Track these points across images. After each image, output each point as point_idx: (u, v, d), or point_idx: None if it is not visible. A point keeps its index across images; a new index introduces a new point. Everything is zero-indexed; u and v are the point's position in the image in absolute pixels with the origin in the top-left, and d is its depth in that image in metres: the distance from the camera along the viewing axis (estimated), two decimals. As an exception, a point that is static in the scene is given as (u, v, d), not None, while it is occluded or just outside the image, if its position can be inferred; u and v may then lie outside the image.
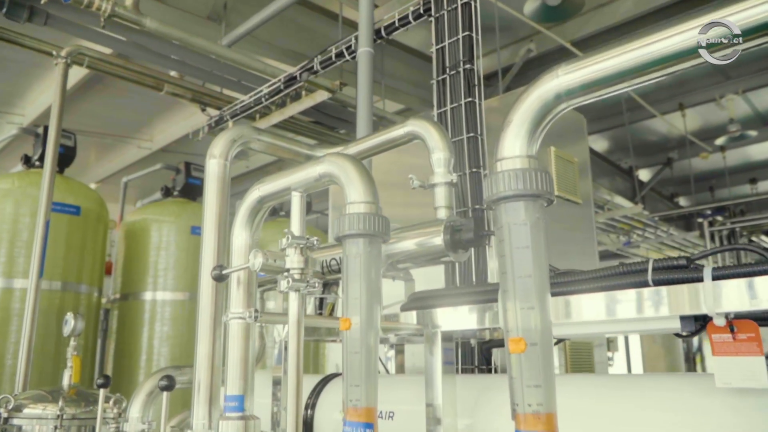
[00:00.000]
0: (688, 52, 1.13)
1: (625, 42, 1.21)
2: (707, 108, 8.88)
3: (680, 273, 1.54)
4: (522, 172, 1.28)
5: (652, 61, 1.17)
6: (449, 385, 2.10)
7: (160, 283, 5.31)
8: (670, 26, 1.15)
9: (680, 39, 1.13)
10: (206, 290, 2.10)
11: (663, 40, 1.16)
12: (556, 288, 1.76)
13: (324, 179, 1.81)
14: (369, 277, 1.61)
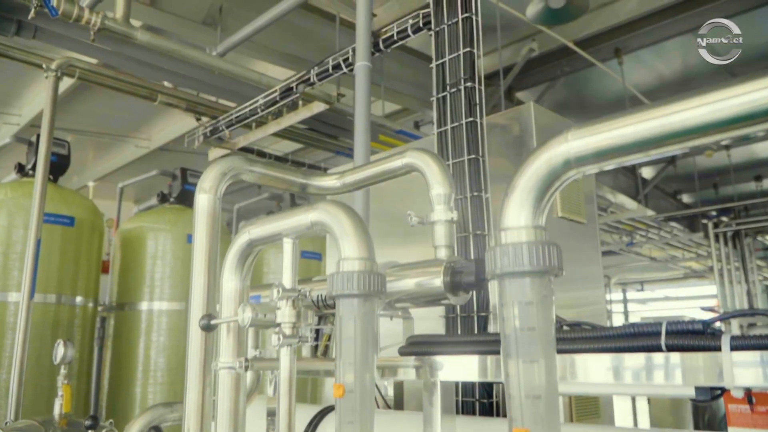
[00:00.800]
0: (718, 124, 1.02)
1: (644, 110, 1.10)
2: (712, 106, 8.73)
3: (695, 339, 1.44)
4: (528, 246, 1.18)
5: (675, 132, 1.06)
6: None
7: (157, 293, 5.23)
8: (696, 95, 1.04)
9: (708, 110, 1.02)
10: (195, 336, 2.00)
11: (688, 111, 1.05)
12: (562, 345, 1.66)
13: (316, 227, 1.71)
14: (364, 339, 1.52)
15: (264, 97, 4.38)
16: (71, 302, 4.81)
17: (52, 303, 4.64)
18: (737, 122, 0.99)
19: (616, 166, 1.17)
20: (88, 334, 5.01)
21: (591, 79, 8.09)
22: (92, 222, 5.05)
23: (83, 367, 4.88)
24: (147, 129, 8.94)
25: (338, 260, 1.57)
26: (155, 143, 9.10)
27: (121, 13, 3.57)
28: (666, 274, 13.75)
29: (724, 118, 1.00)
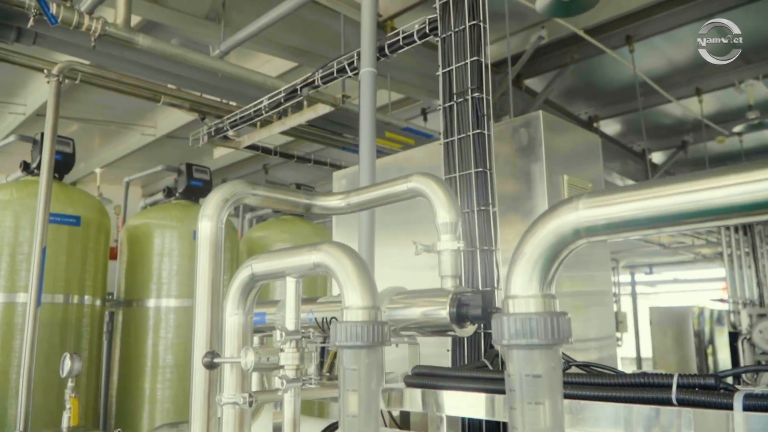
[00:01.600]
0: (737, 209, 0.97)
1: (658, 185, 1.05)
2: (725, 92, 8.58)
3: (707, 395, 1.41)
4: (537, 318, 1.14)
5: (692, 212, 1.01)
6: (455, 466, 2.00)
7: (164, 290, 5.24)
8: (714, 175, 0.99)
9: (735, 191, 0.97)
10: (199, 368, 1.98)
11: (705, 192, 1.00)
12: (570, 389, 1.63)
13: (319, 269, 1.67)
14: (368, 389, 1.50)
15: (268, 99, 4.33)
16: (80, 301, 4.83)
17: (60, 303, 4.66)
18: (758, 208, 0.94)
19: (626, 238, 1.13)
20: (96, 332, 5.04)
21: (601, 66, 7.96)
22: (98, 221, 5.05)
23: (92, 364, 4.91)
24: (152, 117, 8.90)
25: (342, 308, 1.54)
26: (161, 131, 9.06)
27: (122, 18, 3.51)
28: (675, 257, 13.69)
29: (745, 203, 0.95)
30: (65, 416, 2.91)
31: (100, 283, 5.06)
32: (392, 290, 2.24)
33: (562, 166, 3.20)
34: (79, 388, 4.60)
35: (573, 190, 3.18)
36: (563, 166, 3.21)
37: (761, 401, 1.33)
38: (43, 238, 3.92)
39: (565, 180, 3.16)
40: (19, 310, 4.44)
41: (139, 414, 4.99)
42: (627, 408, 1.53)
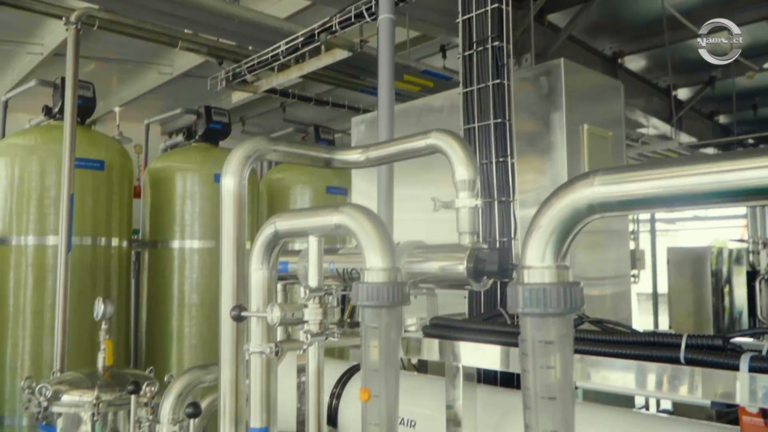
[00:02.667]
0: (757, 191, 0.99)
1: (673, 165, 1.07)
2: (757, 26, 8.27)
3: (715, 356, 1.47)
4: (550, 288, 1.19)
5: (704, 193, 1.04)
6: (470, 411, 2.11)
7: (188, 231, 5.36)
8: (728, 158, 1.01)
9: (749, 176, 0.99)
10: (227, 320, 2.08)
11: (718, 174, 1.02)
12: (582, 346, 1.70)
13: (340, 230, 1.73)
14: (388, 345, 1.57)
15: (286, 44, 4.29)
16: (107, 243, 4.97)
17: (88, 245, 4.80)
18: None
19: (638, 213, 1.16)
20: (124, 273, 5.21)
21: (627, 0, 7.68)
22: (121, 164, 5.13)
23: (122, 304, 5.10)
24: (168, 56, 8.83)
25: (362, 268, 1.60)
26: (178, 70, 9.01)
27: (138, -36, 3.47)
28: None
29: (758, 187, 0.97)
30: (100, 357, 3.07)
31: (125, 226, 5.19)
32: (411, 244, 2.30)
33: (582, 114, 3.18)
34: (109, 328, 4.84)
35: (593, 139, 3.18)
36: (583, 114, 3.19)
37: (767, 363, 1.38)
38: (70, 185, 4.02)
39: (585, 129, 3.14)
40: (49, 252, 4.59)
41: (168, 350, 5.21)
42: (637, 365, 1.59)
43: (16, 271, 4.55)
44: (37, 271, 4.58)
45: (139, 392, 2.59)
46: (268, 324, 1.98)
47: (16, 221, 4.61)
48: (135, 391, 2.57)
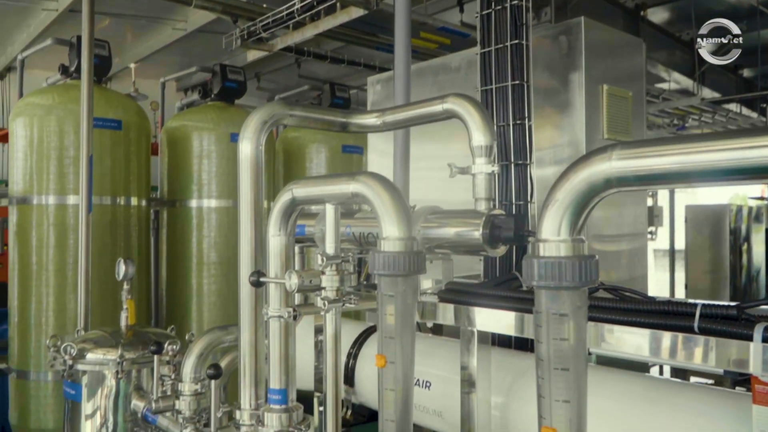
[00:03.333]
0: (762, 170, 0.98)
1: (691, 141, 1.06)
2: (785, -24, 7.96)
3: (729, 325, 1.47)
4: (565, 262, 1.20)
5: (722, 170, 1.03)
6: (485, 373, 2.15)
7: (205, 191, 5.40)
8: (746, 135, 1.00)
9: (757, 154, 0.98)
10: (245, 285, 2.11)
11: (736, 151, 1.01)
12: (596, 313, 1.72)
13: (357, 199, 1.74)
14: (404, 313, 1.60)
15: (301, 1, 4.22)
16: (126, 202, 5.03)
17: (108, 205, 4.86)
18: (789, 171, 0.95)
19: (656, 189, 1.15)
20: (143, 231, 5.28)
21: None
22: (138, 124, 5.14)
23: (142, 262, 5.19)
24: (183, 12, 8.73)
25: (379, 238, 1.62)
26: (192, 26, 8.92)
27: None
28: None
29: None
30: (123, 316, 3.14)
31: (144, 185, 5.24)
32: (428, 209, 2.30)
33: (602, 73, 3.12)
34: (131, 287, 4.94)
35: (612, 100, 3.12)
36: (603, 73, 3.13)
37: (781, 334, 1.39)
38: (89, 147, 4.05)
39: (604, 90, 3.09)
40: (70, 211, 4.66)
41: (188, 307, 5.32)
42: (651, 333, 1.61)
43: (38, 230, 4.63)
44: (58, 230, 4.65)
45: (161, 352, 2.66)
46: (286, 289, 2.02)
47: (37, 181, 4.67)
48: (158, 351, 2.64)
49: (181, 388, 2.57)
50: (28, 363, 4.51)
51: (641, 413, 1.89)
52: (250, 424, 2.14)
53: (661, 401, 1.88)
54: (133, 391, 2.98)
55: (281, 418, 1.99)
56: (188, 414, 2.53)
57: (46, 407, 4.45)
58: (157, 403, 2.62)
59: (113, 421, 2.94)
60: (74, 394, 2.95)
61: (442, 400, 2.41)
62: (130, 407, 2.94)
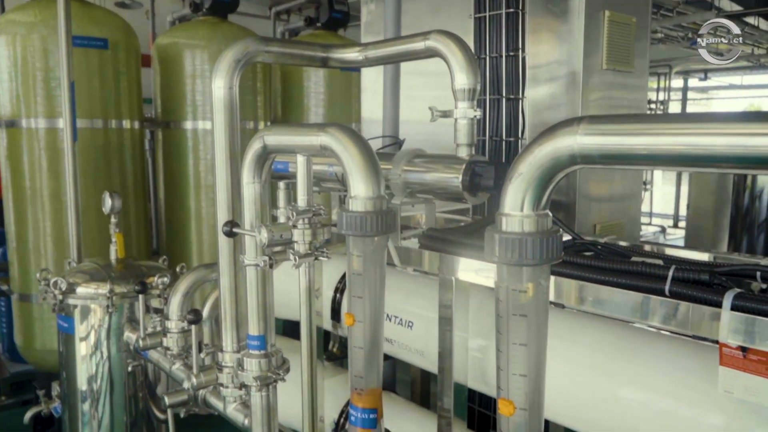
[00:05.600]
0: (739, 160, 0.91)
1: (661, 121, 0.99)
2: None
3: (699, 290, 1.45)
4: (527, 238, 1.15)
5: (689, 156, 0.96)
6: (464, 322, 2.16)
7: (199, 112, 5.28)
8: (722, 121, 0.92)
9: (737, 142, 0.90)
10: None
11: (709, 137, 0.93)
12: (569, 269, 1.69)
13: (326, 152, 1.67)
14: (373, 272, 1.58)
15: None
16: (119, 125, 4.95)
17: (100, 128, 4.78)
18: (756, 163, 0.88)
19: (621, 168, 1.09)
20: (138, 154, 5.23)
21: None
22: (126, 42, 4.96)
23: (138, 186, 5.17)
24: None
25: (348, 196, 1.57)
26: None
27: None
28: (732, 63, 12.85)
29: (747, 155, 0.89)
30: (112, 249, 3.16)
31: (135, 107, 5.13)
32: (411, 152, 2.24)
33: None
34: (128, 208, 4.94)
35: (613, 27, 2.96)
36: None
37: (750, 303, 1.36)
38: (69, 73, 3.93)
39: (606, 16, 2.92)
40: (61, 135, 4.58)
41: (187, 230, 5.34)
42: (624, 294, 1.59)
43: (29, 154, 4.58)
44: (50, 154, 4.60)
45: (146, 291, 2.69)
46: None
47: (25, 103, 4.57)
48: (142, 291, 2.67)
49: (168, 325, 2.61)
50: (29, 287, 4.59)
51: (614, 360, 1.90)
52: (231, 366, 2.18)
53: (636, 350, 1.89)
54: (126, 323, 3.05)
55: (260, 363, 2.02)
56: (176, 351, 2.58)
57: (50, 329, 4.56)
58: (144, 340, 2.67)
59: (107, 353, 3.02)
60: (67, 327, 3.02)
61: (424, 339, 2.44)
62: (123, 339, 3.01)
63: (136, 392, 3.22)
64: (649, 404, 1.76)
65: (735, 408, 1.59)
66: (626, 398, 1.83)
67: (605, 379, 1.90)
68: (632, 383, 1.82)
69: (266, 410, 2.03)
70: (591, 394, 1.91)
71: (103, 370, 3.08)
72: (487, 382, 2.23)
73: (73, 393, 3.16)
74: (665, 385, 1.74)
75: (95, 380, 3.10)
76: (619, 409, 1.83)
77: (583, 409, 1.94)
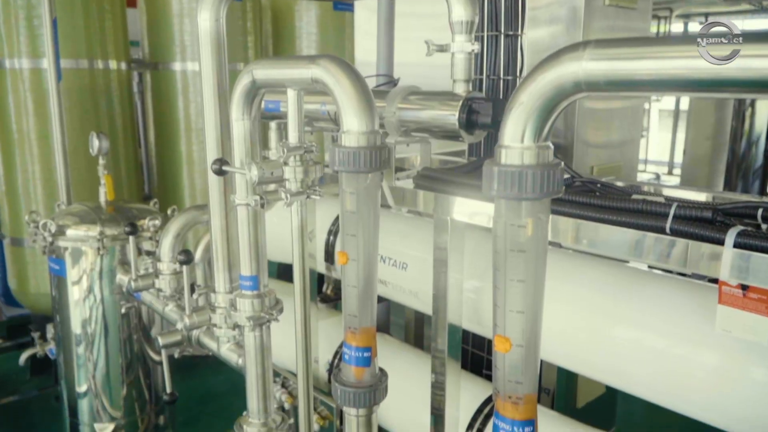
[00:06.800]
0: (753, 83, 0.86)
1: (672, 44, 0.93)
2: None
3: (701, 228, 1.41)
4: (527, 171, 1.10)
5: (701, 80, 0.91)
6: (459, 263, 2.13)
7: (188, 53, 5.13)
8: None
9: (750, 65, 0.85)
10: (212, 169, 2.03)
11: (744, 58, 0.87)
12: (567, 207, 1.65)
13: (318, 85, 1.60)
14: (366, 210, 1.53)
15: None
16: (105, 66, 4.81)
17: (85, 69, 4.65)
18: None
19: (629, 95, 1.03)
20: (126, 96, 5.11)
21: None
22: (111, -23, 4.78)
23: (127, 129, 5.07)
24: None
25: (340, 131, 1.51)
26: None
27: None
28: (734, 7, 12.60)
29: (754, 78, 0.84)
30: (101, 191, 3.10)
31: (122, 46, 4.98)
32: (406, 89, 2.16)
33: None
34: (117, 152, 4.86)
35: (617, -41, 2.82)
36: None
37: (754, 240, 1.33)
38: (51, 8, 3.78)
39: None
40: (46, 76, 4.45)
41: (179, 175, 5.26)
42: (625, 232, 1.55)
43: (14, 95, 4.46)
44: (35, 95, 4.48)
45: (136, 233, 2.65)
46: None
47: (7, 43, 4.42)
48: (132, 233, 2.63)
49: (160, 267, 2.58)
50: (21, 230, 4.55)
51: (609, 300, 1.89)
52: (224, 307, 2.16)
53: (636, 290, 1.87)
54: (118, 266, 3.02)
55: (253, 304, 1.99)
56: (168, 292, 2.56)
57: (43, 272, 4.54)
58: (136, 281, 2.65)
59: (100, 295, 3.00)
60: (58, 270, 2.99)
61: (418, 280, 2.42)
62: (115, 282, 2.99)
63: (130, 334, 3.22)
64: (642, 343, 1.76)
65: (730, 346, 1.59)
66: (620, 338, 1.82)
67: (600, 319, 1.89)
68: (626, 322, 1.82)
69: (260, 350, 2.02)
70: (585, 335, 1.90)
71: (97, 312, 3.07)
72: (481, 323, 2.22)
73: (67, 336, 3.16)
74: (659, 325, 1.74)
75: (89, 323, 3.10)
76: (613, 349, 1.83)
77: (577, 349, 1.94)
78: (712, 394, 1.64)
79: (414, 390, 2.45)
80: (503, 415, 1.26)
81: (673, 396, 1.74)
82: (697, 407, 1.70)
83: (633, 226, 1.52)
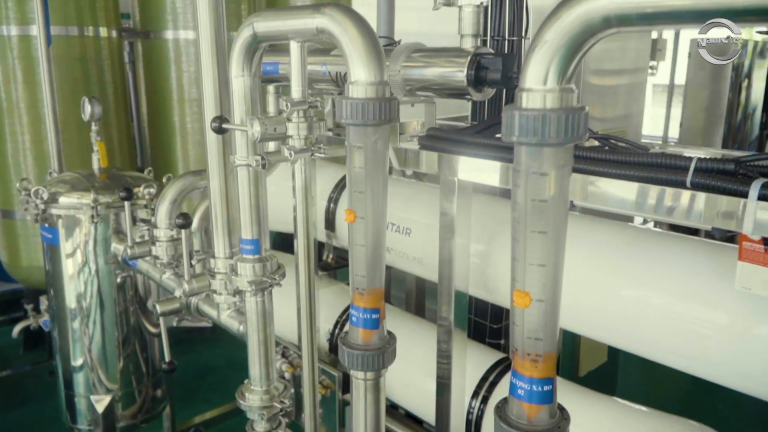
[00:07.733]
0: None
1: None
2: None
3: (724, 181, 1.36)
4: (551, 115, 1.04)
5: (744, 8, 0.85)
6: (465, 228, 2.07)
7: (180, 21, 5.00)
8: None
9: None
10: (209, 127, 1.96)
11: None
12: (583, 164, 1.60)
13: (323, 35, 1.53)
14: (375, 165, 1.47)
15: None
16: (95, 33, 4.68)
17: (75, 36, 4.53)
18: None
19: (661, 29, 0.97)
20: (117, 65, 4.98)
21: None
22: (99, -58, 4.63)
23: (119, 99, 4.96)
24: None
25: (347, 82, 1.44)
26: None
27: None
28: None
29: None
30: (94, 158, 3.01)
31: (112, 13, 4.85)
32: (410, 47, 2.09)
33: None
34: (109, 122, 4.76)
35: None
36: None
37: (781, 191, 1.28)
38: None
39: None
40: (35, 43, 4.33)
41: (172, 146, 5.15)
42: (640, 187, 1.50)
43: (2, 63, 4.34)
44: (24, 63, 4.36)
45: (131, 198, 2.58)
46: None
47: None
48: (127, 198, 2.55)
49: (156, 234, 2.52)
50: (11, 203, 4.46)
51: (624, 262, 1.85)
52: (224, 273, 2.11)
53: (645, 251, 1.83)
54: (112, 235, 2.95)
55: (254, 268, 1.94)
56: (166, 260, 2.50)
57: (35, 245, 4.47)
58: (132, 249, 2.58)
59: (94, 265, 2.93)
60: (51, 238, 2.92)
61: (422, 246, 2.37)
62: (110, 251, 2.92)
63: (126, 307, 3.16)
64: (651, 302, 1.72)
65: (740, 304, 1.55)
66: (628, 297, 1.78)
67: (608, 279, 1.85)
68: (636, 283, 1.78)
69: (262, 316, 1.97)
70: (593, 295, 1.86)
71: (92, 282, 3.00)
72: (488, 289, 2.18)
73: (61, 308, 3.10)
74: (667, 284, 1.70)
75: (84, 294, 3.03)
76: (621, 309, 1.79)
77: (585, 311, 1.90)
78: (723, 352, 1.61)
79: (418, 358, 2.41)
80: (521, 373, 1.21)
81: (681, 356, 1.71)
82: (706, 366, 1.67)
83: (652, 181, 1.47)
